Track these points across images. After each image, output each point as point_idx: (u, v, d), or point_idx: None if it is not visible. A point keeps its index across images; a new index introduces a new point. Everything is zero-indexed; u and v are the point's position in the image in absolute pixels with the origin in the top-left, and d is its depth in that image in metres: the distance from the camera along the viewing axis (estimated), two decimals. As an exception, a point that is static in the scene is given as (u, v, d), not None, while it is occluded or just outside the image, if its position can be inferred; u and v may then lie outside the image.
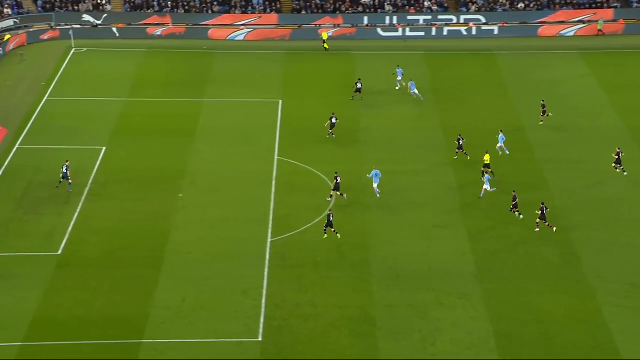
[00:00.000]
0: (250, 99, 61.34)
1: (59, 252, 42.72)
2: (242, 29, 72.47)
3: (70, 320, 37.75)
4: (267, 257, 42.96)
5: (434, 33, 72.53)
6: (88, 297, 39.28)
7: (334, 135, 53.83)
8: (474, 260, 42.50)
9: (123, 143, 54.00)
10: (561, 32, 72.69)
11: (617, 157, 50.03)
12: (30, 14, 71.96)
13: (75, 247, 43.12)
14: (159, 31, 71.87)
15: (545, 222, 44.38)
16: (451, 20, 73.13)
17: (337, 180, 47.42)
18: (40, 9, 72.60)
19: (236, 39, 72.25)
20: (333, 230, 44.25)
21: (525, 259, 42.74)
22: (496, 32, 72.71)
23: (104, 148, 53.19)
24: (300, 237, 44.71)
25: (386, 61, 66.53)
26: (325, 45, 70.29)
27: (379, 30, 73.03)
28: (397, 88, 60.26)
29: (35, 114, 57.86)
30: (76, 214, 46.04)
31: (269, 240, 44.35)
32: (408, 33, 72.75)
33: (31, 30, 70.81)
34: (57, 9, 72.59)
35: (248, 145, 54.22)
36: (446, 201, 47.65)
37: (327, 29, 72.19)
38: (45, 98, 60.47)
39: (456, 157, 51.79)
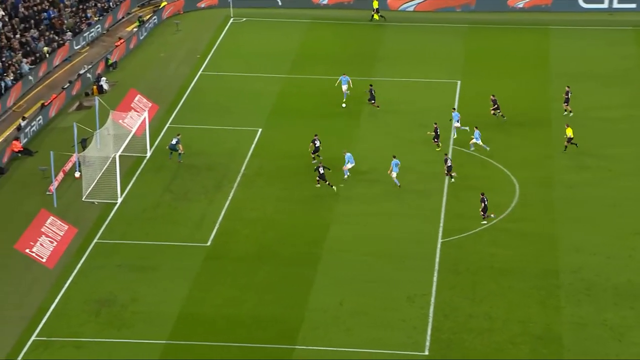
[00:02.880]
0: (424, 78, 60.85)
1: (208, 243, 43.79)
2: (418, -1, 71.90)
3: (218, 318, 38.59)
4: (437, 260, 42.46)
5: (648, 4, 69.41)
6: (237, 295, 40.02)
7: (320, 158, 49.48)
8: (684, 276, 40.46)
9: (281, 125, 54.76)
10: None
11: (565, 96, 52.67)
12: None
13: (225, 239, 44.07)
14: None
15: (484, 215, 44.24)
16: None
17: (315, 144, 48.80)
18: (197, -26, 74.75)
19: (407, 10, 71.79)
20: (327, 183, 45.25)
21: None
22: None
23: (260, 129, 54.13)
24: (476, 239, 43.94)
25: (588, 38, 64.34)
26: (376, 16, 68.53)
27: (579, 0, 70.49)
28: (453, 136, 52.46)
29: (189, 90, 59.62)
30: (228, 202, 47.07)
31: (440, 241, 43.84)
32: (616, 4, 69.71)
33: (188, -3, 73.07)
34: (215, -26, 74.47)
35: (419, 131, 53.77)
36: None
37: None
38: (200, 72, 62.21)
39: None
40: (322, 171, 47.41)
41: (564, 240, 43.69)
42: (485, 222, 44.79)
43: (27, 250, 39.37)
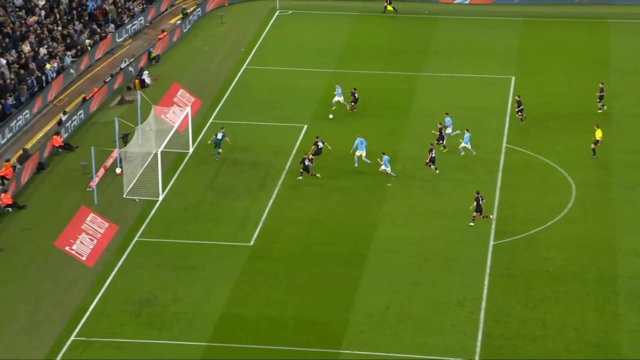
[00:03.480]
0: (477, 74, 60.48)
1: (251, 242, 43.87)
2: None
3: (260, 320, 38.63)
4: (489, 263, 42.13)
5: None
6: (280, 296, 40.03)
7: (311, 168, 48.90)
8: None
9: (327, 121, 54.72)
10: None
11: (599, 93, 52.67)
12: (232, -28, 74.55)
13: (269, 238, 44.11)
14: (375, -9, 72.25)
15: (481, 214, 43.41)
16: None
17: (318, 146, 48.73)
18: (242, -35, 74.98)
19: (463, 2, 71.40)
20: (310, 174, 46.10)
21: None
22: None
23: (305, 126, 54.12)
24: (530, 241, 43.53)
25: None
26: (389, 7, 68.13)
27: (643, -8, 69.67)
28: (462, 154, 50.14)
29: (233, 85, 59.81)
30: (271, 200, 47.12)
31: (491, 243, 43.49)
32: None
33: (233, -12, 73.32)
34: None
35: (471, 128, 53.38)
36: None
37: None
38: (244, 66, 62.39)
39: None
40: (307, 163, 47.62)
41: (622, 243, 43.11)
42: (472, 223, 44.28)
43: (67, 248, 39.74)
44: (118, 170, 49.65)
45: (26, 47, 58.46)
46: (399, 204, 46.65)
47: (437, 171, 48.47)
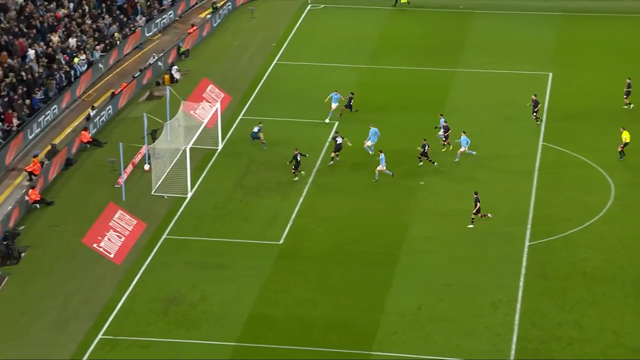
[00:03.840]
0: (514, 70, 60.17)
1: (281, 241, 43.91)
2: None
3: (290, 321, 38.66)
4: (524, 263, 41.92)
5: None
6: (310, 296, 40.03)
7: (336, 159, 49.41)
8: None
9: (358, 118, 54.56)
10: None
11: (627, 89, 51.87)
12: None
13: (299, 237, 44.13)
14: (409, -15, 72.06)
15: (479, 214, 43.73)
16: None
17: (337, 141, 48.82)
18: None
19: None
20: (298, 171, 47.10)
21: None
22: None
23: (337, 123, 54.06)
24: (566, 242, 43.27)
25: None
26: (403, 0, 67.73)
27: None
28: (457, 160, 49.84)
29: (263, 80, 59.89)
30: (302, 198, 47.14)
31: (527, 243, 43.27)
32: None
33: (264, -18, 73.42)
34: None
35: (507, 126, 53.23)
36: None
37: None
38: (275, 61, 62.44)
39: None
40: (298, 159, 47.85)
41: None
42: (472, 225, 44.05)
43: (95, 245, 39.99)
44: (146, 167, 49.89)
45: (55, 38, 58.88)
46: (431, 203, 46.52)
47: (421, 164, 48.88)
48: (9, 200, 47.41)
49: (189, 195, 47.48)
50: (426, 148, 48.89)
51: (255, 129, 51.19)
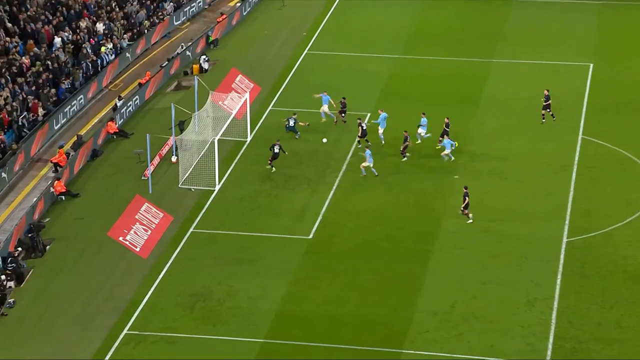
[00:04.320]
0: (553, 61, 59.81)
1: (310, 236, 43.90)
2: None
3: (319, 318, 38.63)
4: (561, 261, 41.65)
5: None
6: (340, 293, 39.97)
7: (367, 143, 49.32)
8: None
9: (391, 110, 54.24)
10: None
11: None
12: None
13: (328, 232, 44.08)
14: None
15: (465, 209, 43.71)
16: None
17: (362, 127, 48.87)
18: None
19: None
20: (270, 163, 47.57)
21: None
22: None
23: (368, 114, 53.94)
24: (606, 239, 42.94)
25: None
26: None
27: None
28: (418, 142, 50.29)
29: (293, 71, 59.89)
30: (332, 192, 47.10)
31: (565, 240, 42.99)
32: None
33: (295, -30, 73.34)
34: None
35: (545, 119, 52.83)
36: None
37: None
38: (305, 51, 62.41)
39: None
40: (276, 150, 47.97)
41: None
42: (471, 220, 43.87)
43: (121, 239, 40.15)
44: (174, 159, 50.05)
45: (83, 24, 59.17)
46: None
47: (405, 158, 48.72)
48: (34, 191, 47.72)
49: (217, 188, 47.58)
50: (407, 140, 48.52)
51: (292, 122, 51.10)
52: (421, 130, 50.21)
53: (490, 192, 46.65)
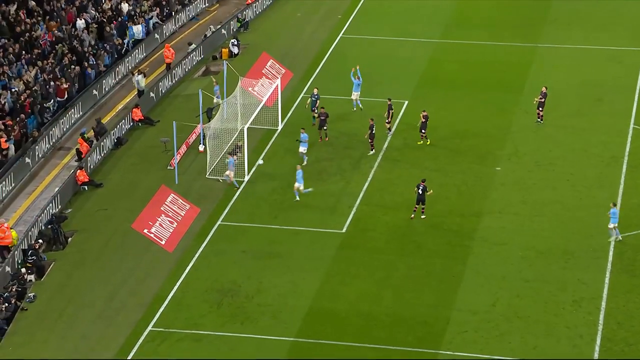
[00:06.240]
0: (603, 46, 59.52)
1: (343, 230, 43.98)
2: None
3: (352, 316, 38.74)
4: (610, 258, 41.50)
5: None
6: (375, 290, 40.05)
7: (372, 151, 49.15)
8: None
9: (430, 97, 54.46)
10: None
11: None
12: None
13: (362, 226, 44.14)
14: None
15: (421, 204, 43.67)
16: None
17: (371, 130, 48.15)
18: None
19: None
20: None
21: None
22: None
23: (406, 102, 53.97)
24: (657, 235, 42.87)
25: None
26: None
27: None
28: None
29: (327, 56, 59.94)
30: (366, 184, 47.14)
31: (614, 236, 42.82)
32: None
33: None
34: None
35: (595, 107, 52.62)
36: None
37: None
38: (340, 35, 62.44)
39: None
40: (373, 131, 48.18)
41: None
42: (424, 216, 43.79)
43: (146, 231, 40.41)
44: (201, 148, 50.28)
45: (106, 5, 59.53)
46: (508, 191, 46.22)
47: (372, 152, 48.76)
48: (56, 181, 48.17)
49: (246, 179, 47.76)
50: (373, 129, 48.41)
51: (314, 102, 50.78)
52: (302, 148, 48.14)
53: (536, 184, 46.52)
